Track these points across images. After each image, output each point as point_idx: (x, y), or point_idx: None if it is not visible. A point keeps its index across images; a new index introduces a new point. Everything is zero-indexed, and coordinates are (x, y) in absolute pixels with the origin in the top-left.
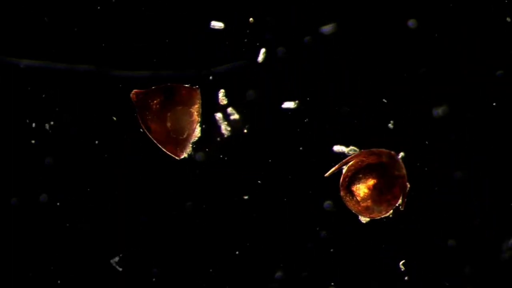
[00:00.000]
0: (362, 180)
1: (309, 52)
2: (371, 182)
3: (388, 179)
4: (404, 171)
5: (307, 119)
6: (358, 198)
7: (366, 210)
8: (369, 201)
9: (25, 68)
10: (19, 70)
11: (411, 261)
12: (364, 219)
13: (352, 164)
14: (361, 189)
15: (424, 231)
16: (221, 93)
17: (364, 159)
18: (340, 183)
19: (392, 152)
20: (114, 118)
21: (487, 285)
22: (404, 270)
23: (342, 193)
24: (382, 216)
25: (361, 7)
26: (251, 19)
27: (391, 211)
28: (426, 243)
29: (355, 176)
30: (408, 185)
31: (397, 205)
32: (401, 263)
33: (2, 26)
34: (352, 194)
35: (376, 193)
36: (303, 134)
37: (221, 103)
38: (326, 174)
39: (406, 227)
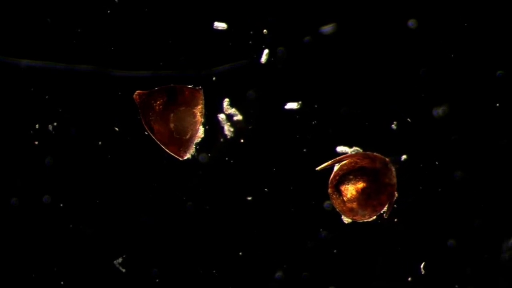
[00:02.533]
0: (352, 182)
1: (309, 52)
2: (360, 185)
3: (378, 185)
4: (395, 180)
5: (310, 120)
6: (345, 198)
7: (350, 212)
8: (355, 203)
9: (25, 68)
10: (19, 70)
11: (411, 262)
12: (346, 220)
13: (345, 164)
14: (350, 190)
15: (424, 231)
16: (226, 102)
17: (358, 161)
18: (330, 180)
19: (387, 159)
20: (116, 129)
21: (487, 285)
22: (404, 271)
23: (330, 190)
24: (365, 220)
25: (361, 7)
26: (265, 30)
27: (375, 216)
28: (426, 243)
29: (346, 176)
30: (396, 195)
31: (381, 212)
32: (422, 265)
33: (2, 26)
34: (339, 193)
35: (364, 197)
36: (306, 135)
37: (226, 112)
38: (318, 168)
39: (406, 228)
